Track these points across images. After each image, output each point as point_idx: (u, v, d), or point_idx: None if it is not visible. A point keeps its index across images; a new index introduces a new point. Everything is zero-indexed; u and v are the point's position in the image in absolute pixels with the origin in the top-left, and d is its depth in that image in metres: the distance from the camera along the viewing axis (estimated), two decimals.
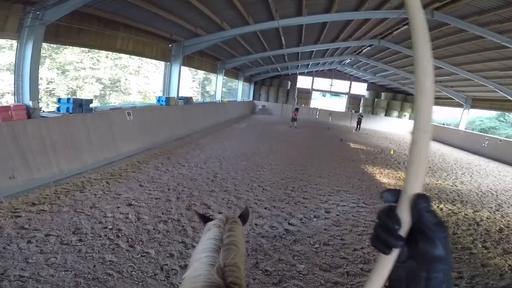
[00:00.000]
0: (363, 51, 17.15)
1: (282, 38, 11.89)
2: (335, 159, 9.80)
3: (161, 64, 10.63)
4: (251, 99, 26.46)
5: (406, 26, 11.06)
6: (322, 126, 20.75)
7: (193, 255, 1.04)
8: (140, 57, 9.32)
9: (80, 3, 5.19)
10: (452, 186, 8.27)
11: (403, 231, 0.46)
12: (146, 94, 18.48)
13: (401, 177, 8.48)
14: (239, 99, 21.39)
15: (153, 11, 7.20)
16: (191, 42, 10.28)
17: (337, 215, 5.26)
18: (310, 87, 27.96)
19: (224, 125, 14.91)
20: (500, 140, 15.46)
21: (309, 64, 22.77)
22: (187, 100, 11.13)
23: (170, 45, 10.12)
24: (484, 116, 23.04)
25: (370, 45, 15.06)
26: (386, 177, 8.34)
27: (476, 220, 5.79)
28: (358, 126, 20.68)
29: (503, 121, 22.24)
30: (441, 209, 6.21)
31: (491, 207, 6.72)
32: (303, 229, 4.57)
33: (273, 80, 26.99)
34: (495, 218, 6.05)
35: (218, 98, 15.85)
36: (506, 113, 21.06)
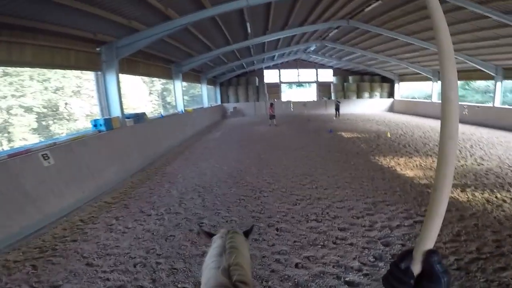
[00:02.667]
0: (330, 35, 15.80)
1: (248, 24, 9.81)
2: (338, 157, 8.01)
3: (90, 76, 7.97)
4: (219, 102, 24.06)
5: (379, 1, 9.67)
6: (301, 119, 19.14)
7: (203, 267, 1.07)
8: (50, 69, 6.66)
9: None
10: (478, 165, 7.01)
11: (413, 280, 0.57)
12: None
13: (423, 165, 7.02)
14: (205, 105, 18.95)
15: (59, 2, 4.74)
16: (127, 40, 7.75)
17: (403, 245, 3.51)
18: (278, 81, 26.34)
19: (194, 139, 12.41)
20: (478, 107, 15.75)
21: (275, 56, 21.03)
22: (138, 117, 8.54)
23: (97, 48, 7.52)
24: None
25: (337, 27, 13.69)
26: (408, 169, 6.76)
27: None
28: (337, 112, 19.51)
29: (468, 89, 22.90)
30: (504, 201, 4.78)
31: None
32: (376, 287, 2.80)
33: (240, 79, 24.80)
34: None
35: (180, 108, 13.33)
36: (469, 82, 21.73)
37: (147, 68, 10.75)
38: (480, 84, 18.82)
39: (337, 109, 19.44)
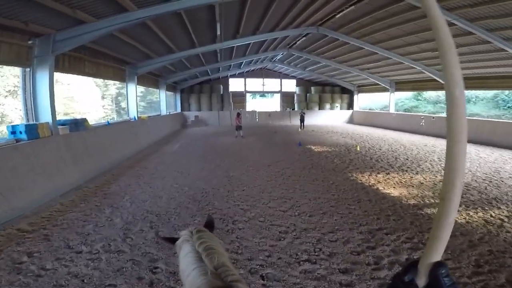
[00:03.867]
0: (297, 43, 15.71)
1: (218, 25, 8.82)
2: (314, 175, 7.28)
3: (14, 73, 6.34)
4: (179, 110, 22.29)
5: (352, 7, 9.70)
6: (267, 130, 18.49)
7: (181, 275, 1.01)
8: None
9: None
10: None
11: None
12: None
13: (403, 182, 6.67)
14: (163, 112, 17.24)
15: None
16: (69, 33, 6.29)
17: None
18: (243, 90, 25.62)
19: (148, 151, 10.73)
20: (433, 118, 16.47)
21: (242, 63, 20.34)
22: (77, 123, 6.85)
23: (29, 41, 5.95)
24: (403, 97, 24.76)
25: (306, 34, 13.62)
26: (390, 187, 6.32)
27: None
28: (302, 124, 19.27)
29: (420, 100, 24.18)
30: (502, 220, 4.47)
31: None
32: None
33: (203, 86, 23.40)
34: None
35: (133, 114, 11.62)
36: (420, 92, 22.86)
37: (95, 68, 9.05)
38: (431, 94, 19.96)
39: (302, 120, 19.21)
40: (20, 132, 5.13)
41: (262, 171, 7.56)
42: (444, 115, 16.37)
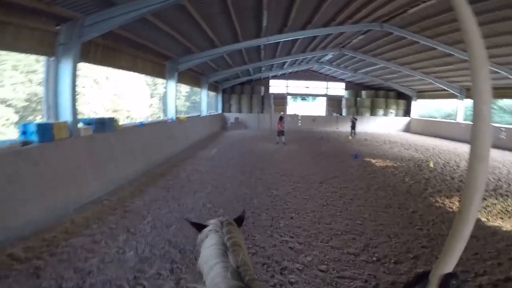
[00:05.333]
0: (352, 41, 13.84)
1: (265, 13, 7.61)
2: (385, 199, 5.56)
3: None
4: (220, 111, 21.66)
5: (432, 1, 7.80)
6: (312, 136, 16.79)
7: (201, 264, 1.01)
8: None
9: None
10: None
11: None
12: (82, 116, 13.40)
13: (508, 210, 4.70)
14: (204, 113, 16.58)
15: None
16: (97, 17, 5.52)
17: None
18: (285, 92, 24.18)
19: (183, 156, 9.71)
20: None
21: (285, 63, 18.96)
22: (103, 123, 6.05)
23: (57, 27, 5.32)
24: (471, 105, 20.77)
25: (366, 32, 11.77)
26: (494, 217, 4.68)
27: None
28: (353, 131, 17.17)
29: (495, 109, 20.47)
30: None
31: None
32: None
33: (244, 87, 22.47)
34: None
35: (171, 114, 10.90)
36: (495, 100, 19.51)
37: (132, 61, 8.42)
38: (509, 103, 16.87)
39: (353, 127, 17.10)
40: (33, 132, 4.36)
41: (313, 191, 6.04)
42: None
